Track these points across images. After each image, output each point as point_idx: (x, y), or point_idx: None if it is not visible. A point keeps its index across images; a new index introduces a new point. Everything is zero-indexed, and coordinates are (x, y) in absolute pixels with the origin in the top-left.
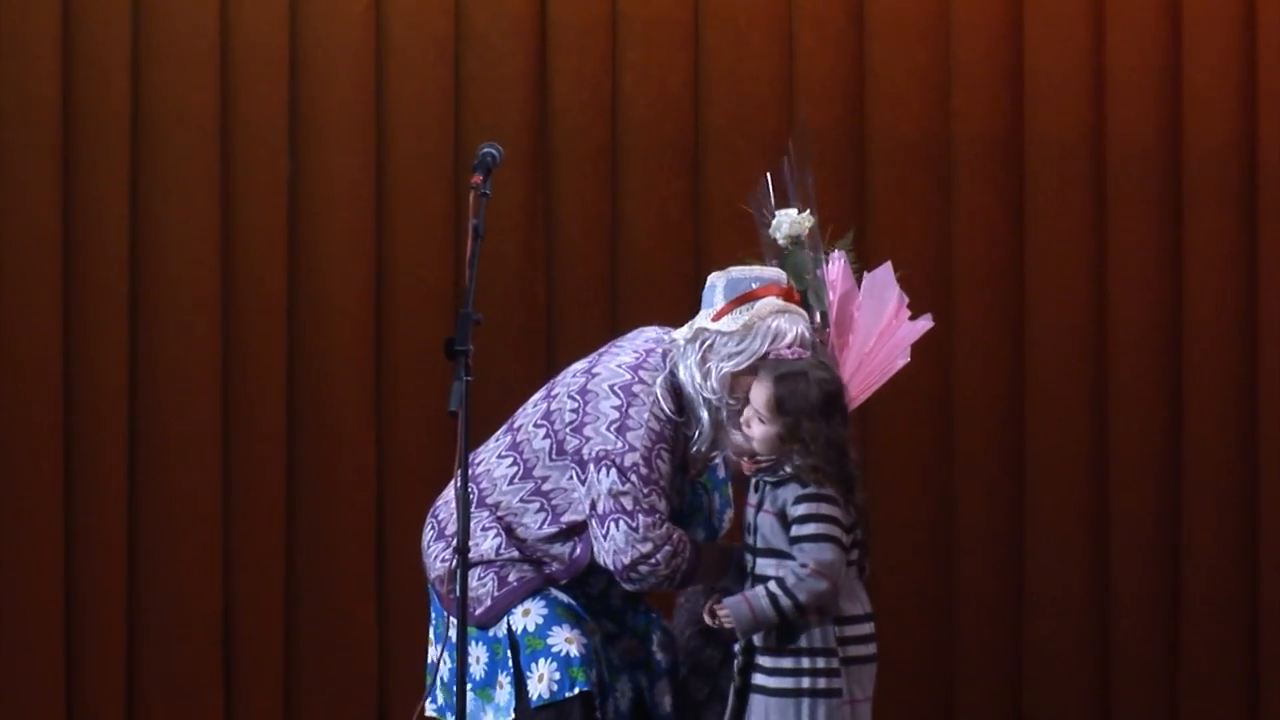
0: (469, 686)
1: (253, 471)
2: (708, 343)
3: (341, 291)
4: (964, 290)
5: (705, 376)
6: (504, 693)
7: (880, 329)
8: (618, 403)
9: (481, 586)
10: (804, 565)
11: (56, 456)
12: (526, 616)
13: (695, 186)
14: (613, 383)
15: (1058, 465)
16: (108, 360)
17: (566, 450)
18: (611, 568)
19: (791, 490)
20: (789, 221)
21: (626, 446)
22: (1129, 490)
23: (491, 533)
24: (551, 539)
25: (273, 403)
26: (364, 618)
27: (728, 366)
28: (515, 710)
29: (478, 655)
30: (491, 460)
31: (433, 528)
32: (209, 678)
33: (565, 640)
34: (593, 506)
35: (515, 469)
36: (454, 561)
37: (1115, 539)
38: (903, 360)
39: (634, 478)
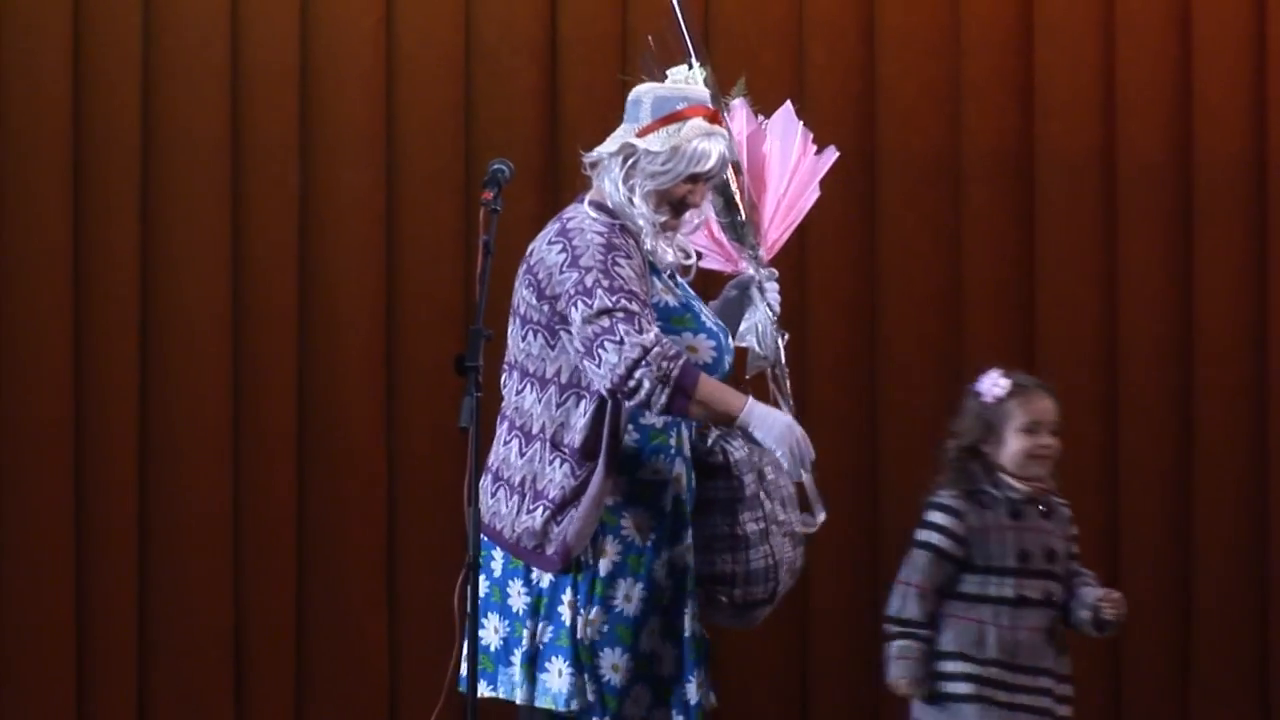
0: (518, 657)
1: (263, 486)
2: (632, 159)
3: (352, 307)
4: (974, 304)
5: (631, 192)
6: (560, 680)
7: (791, 167)
8: (560, 245)
9: (562, 530)
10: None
11: (67, 472)
12: (591, 625)
13: None
14: (547, 240)
15: (1067, 477)
16: (118, 375)
17: (554, 327)
18: (610, 386)
19: (1067, 512)
20: (683, 79)
21: (582, 270)
22: (1139, 502)
23: (556, 462)
24: (596, 422)
25: (283, 418)
26: (375, 631)
27: (651, 185)
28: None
29: (534, 630)
30: (514, 399)
31: (501, 487)
32: (220, 692)
33: (611, 667)
34: (579, 349)
35: (536, 390)
36: (464, 574)
37: (1125, 550)
38: (814, 195)
39: (600, 292)
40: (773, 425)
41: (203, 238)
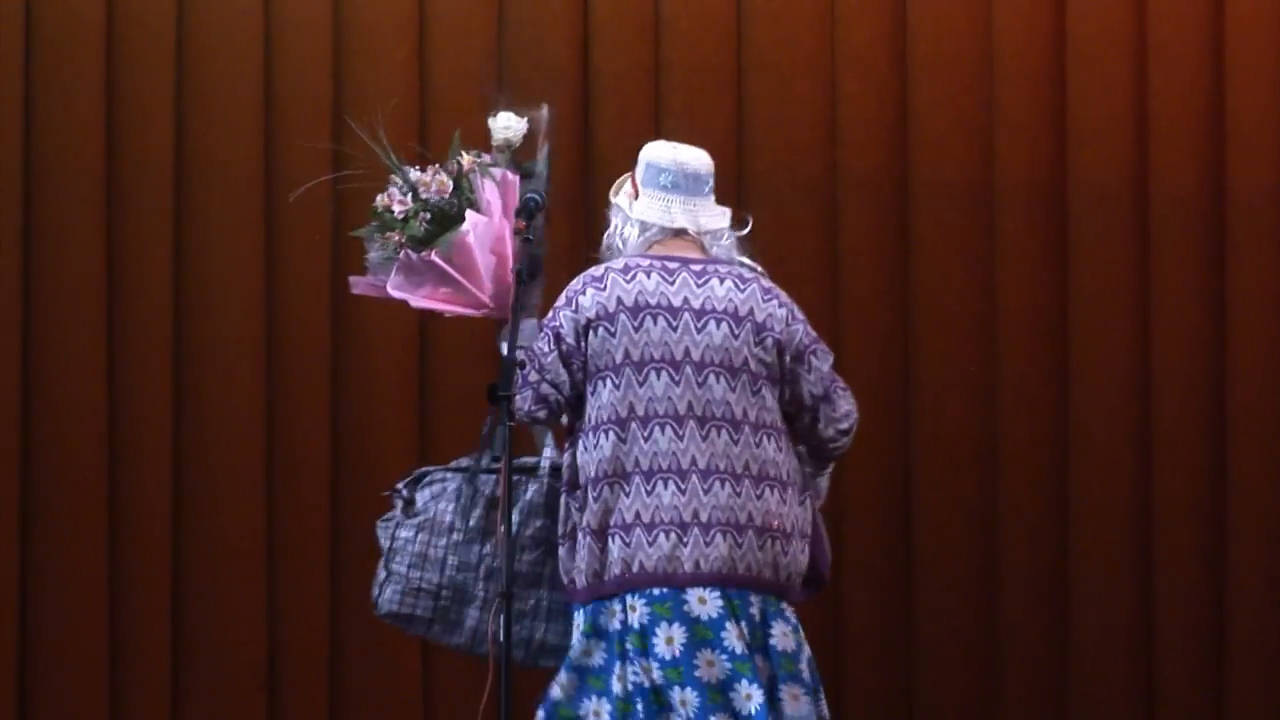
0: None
1: (297, 515)
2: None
3: (385, 336)
4: (1008, 334)
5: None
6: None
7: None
8: (777, 300)
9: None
10: None
11: (100, 502)
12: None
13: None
14: (763, 297)
15: (1102, 508)
16: (152, 405)
17: (781, 379)
18: (845, 428)
19: None
20: (501, 125)
21: (803, 323)
22: (1173, 533)
23: (805, 502)
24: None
25: (317, 447)
26: (409, 663)
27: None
28: None
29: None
30: (754, 451)
31: (776, 540)
32: None
33: None
34: (817, 393)
35: (775, 439)
36: (498, 604)
37: (1160, 582)
38: None
39: (823, 344)
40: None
41: (236, 268)
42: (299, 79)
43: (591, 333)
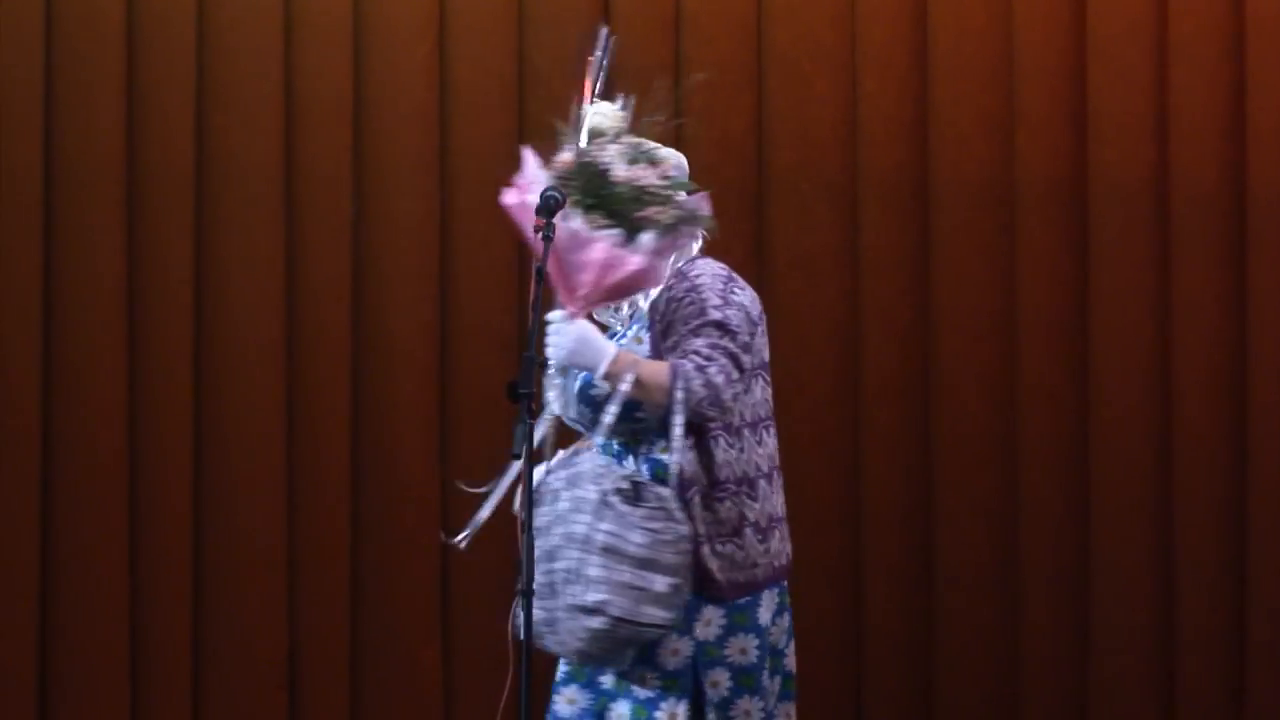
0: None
1: (317, 515)
2: None
3: (406, 335)
4: (1028, 333)
5: None
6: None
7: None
8: None
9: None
10: None
11: (122, 502)
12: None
13: (758, 229)
14: None
15: (1123, 506)
16: (173, 406)
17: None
18: None
19: None
20: (600, 114)
21: None
22: (1194, 532)
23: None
24: None
25: (337, 447)
26: (429, 661)
27: None
28: None
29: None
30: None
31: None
32: None
33: None
34: None
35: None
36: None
37: (1180, 582)
38: None
39: None
40: None
41: (256, 268)
42: (319, 77)
43: (758, 330)
